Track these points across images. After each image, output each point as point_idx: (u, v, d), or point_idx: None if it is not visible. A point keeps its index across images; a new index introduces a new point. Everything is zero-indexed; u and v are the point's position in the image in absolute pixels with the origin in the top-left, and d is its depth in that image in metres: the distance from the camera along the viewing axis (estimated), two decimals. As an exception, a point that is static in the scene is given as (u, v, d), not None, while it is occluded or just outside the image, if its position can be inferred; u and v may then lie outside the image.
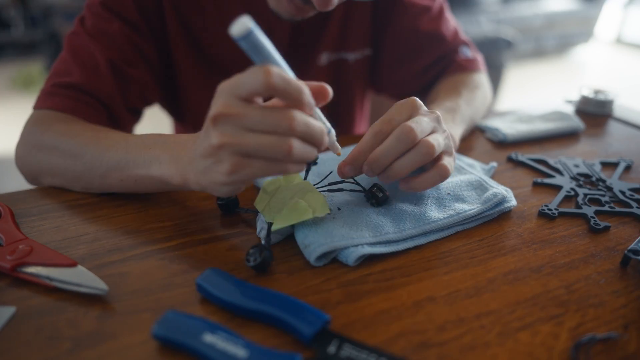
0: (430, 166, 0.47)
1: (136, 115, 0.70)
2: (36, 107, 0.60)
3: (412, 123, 0.44)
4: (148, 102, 0.72)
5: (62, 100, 0.59)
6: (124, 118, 0.65)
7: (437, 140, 0.45)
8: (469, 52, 0.80)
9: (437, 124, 0.47)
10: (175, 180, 0.45)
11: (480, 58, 0.82)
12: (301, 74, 0.79)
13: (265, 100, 0.42)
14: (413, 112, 0.46)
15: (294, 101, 0.37)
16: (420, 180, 0.46)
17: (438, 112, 0.48)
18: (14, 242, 0.43)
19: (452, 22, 0.81)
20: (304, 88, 0.37)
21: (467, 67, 0.78)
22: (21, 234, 0.45)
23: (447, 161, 0.47)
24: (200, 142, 0.40)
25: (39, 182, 0.57)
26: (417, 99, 0.47)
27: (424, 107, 0.48)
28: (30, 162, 0.56)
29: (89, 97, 0.61)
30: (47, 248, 0.42)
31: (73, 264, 0.40)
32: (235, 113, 0.36)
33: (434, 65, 0.80)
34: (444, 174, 0.46)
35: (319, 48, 0.77)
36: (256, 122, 0.36)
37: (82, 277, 0.39)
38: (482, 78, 0.79)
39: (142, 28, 0.65)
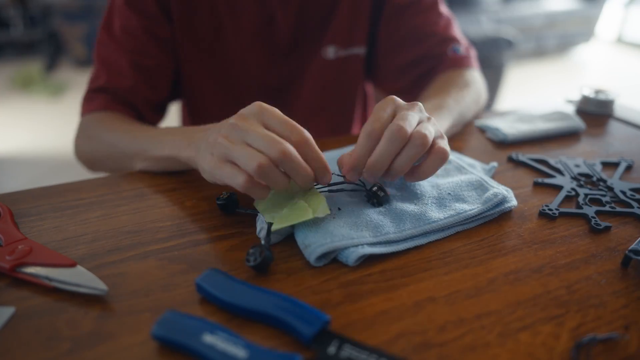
0: (427, 153, 0.47)
1: (161, 112, 0.79)
2: (82, 114, 0.71)
3: (399, 121, 0.44)
4: (176, 90, 0.79)
5: (98, 102, 0.70)
6: (148, 112, 0.74)
7: (428, 129, 0.46)
8: (460, 49, 0.80)
9: (420, 113, 0.48)
10: (184, 154, 0.52)
11: (472, 54, 0.81)
12: (306, 66, 0.80)
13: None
14: (396, 108, 0.47)
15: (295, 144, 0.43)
16: (424, 169, 0.47)
17: (418, 102, 0.49)
18: (14, 242, 0.43)
19: (445, 17, 0.80)
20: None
21: (458, 64, 0.78)
22: (20, 234, 0.44)
23: (442, 144, 0.47)
24: (212, 130, 0.47)
25: (95, 169, 0.71)
26: (395, 96, 0.49)
27: (402, 102, 0.48)
28: (84, 152, 0.70)
29: (117, 96, 0.70)
30: (46, 248, 0.42)
31: (72, 264, 0.40)
32: (245, 128, 0.42)
33: (422, 60, 0.79)
34: (444, 156, 0.46)
35: (324, 40, 0.78)
36: (254, 139, 0.41)
37: (81, 278, 0.39)
38: (473, 75, 0.79)
39: (160, 19, 0.72)
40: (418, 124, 0.46)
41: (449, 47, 0.79)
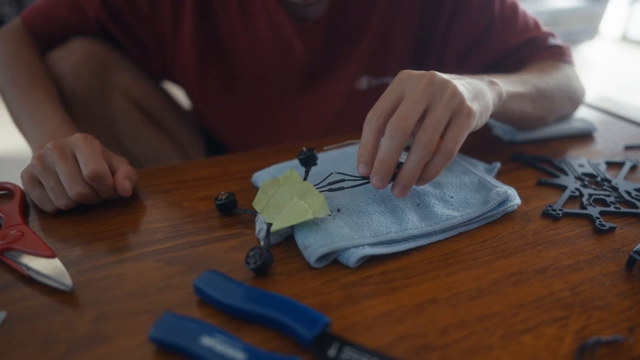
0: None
1: None
2: (23, 17, 0.69)
3: (397, 115, 0.41)
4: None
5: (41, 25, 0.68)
6: None
7: (432, 125, 0.41)
8: (555, 40, 0.71)
9: (431, 88, 0.42)
10: (32, 146, 0.57)
11: (570, 47, 0.72)
12: (333, 96, 0.74)
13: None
14: (402, 91, 0.43)
15: None
16: (428, 171, 0.43)
17: (433, 72, 0.43)
18: (11, 226, 0.44)
19: (530, 18, 0.72)
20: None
21: (555, 55, 0.69)
22: (20, 218, 0.45)
23: (452, 134, 0.42)
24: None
25: None
26: (406, 72, 0.44)
27: (413, 79, 0.43)
28: None
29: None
30: (35, 236, 0.43)
31: (51, 255, 0.40)
32: (56, 159, 0.47)
33: (511, 54, 0.71)
34: (450, 154, 0.42)
35: (353, 68, 0.73)
36: (60, 172, 0.47)
37: (52, 270, 0.39)
38: (570, 69, 0.70)
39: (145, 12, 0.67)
40: (427, 111, 0.42)
41: (545, 38, 0.71)
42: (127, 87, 0.73)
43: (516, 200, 0.50)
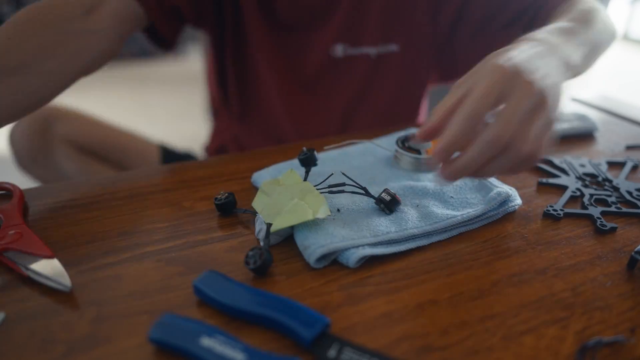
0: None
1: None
2: None
3: (498, 126, 0.36)
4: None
5: None
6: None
7: (528, 138, 0.37)
8: None
9: (531, 100, 0.36)
10: None
11: None
12: (309, 62, 0.77)
13: None
14: (503, 89, 0.37)
15: None
16: (487, 170, 0.39)
17: (534, 84, 0.37)
18: (10, 226, 0.44)
19: None
20: None
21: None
22: (19, 218, 0.45)
23: (534, 150, 0.38)
24: None
25: None
26: (500, 63, 0.37)
27: (515, 78, 0.37)
28: None
29: None
30: (34, 236, 0.43)
31: (50, 256, 0.40)
32: None
33: (521, 15, 0.68)
34: (526, 165, 0.39)
35: (327, 35, 0.74)
36: None
37: (51, 270, 0.39)
38: (594, 3, 0.63)
39: None
40: (525, 119, 0.37)
41: None
42: (66, 133, 0.82)
43: (517, 200, 0.50)
